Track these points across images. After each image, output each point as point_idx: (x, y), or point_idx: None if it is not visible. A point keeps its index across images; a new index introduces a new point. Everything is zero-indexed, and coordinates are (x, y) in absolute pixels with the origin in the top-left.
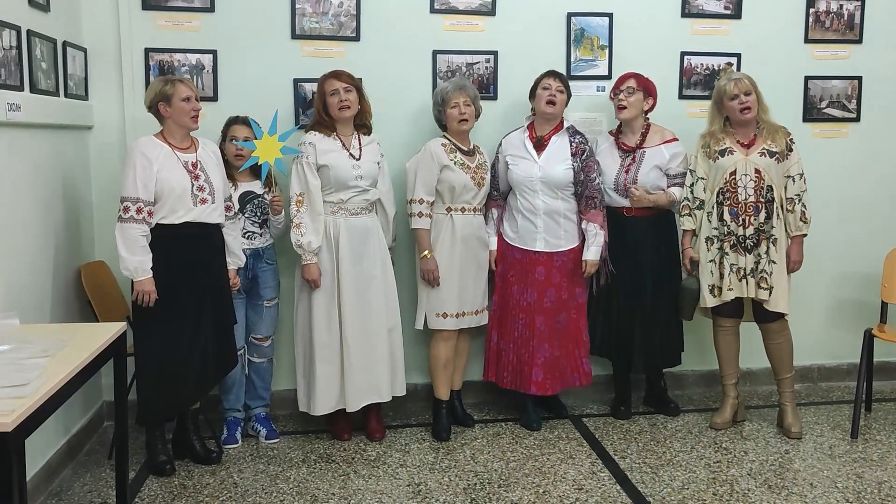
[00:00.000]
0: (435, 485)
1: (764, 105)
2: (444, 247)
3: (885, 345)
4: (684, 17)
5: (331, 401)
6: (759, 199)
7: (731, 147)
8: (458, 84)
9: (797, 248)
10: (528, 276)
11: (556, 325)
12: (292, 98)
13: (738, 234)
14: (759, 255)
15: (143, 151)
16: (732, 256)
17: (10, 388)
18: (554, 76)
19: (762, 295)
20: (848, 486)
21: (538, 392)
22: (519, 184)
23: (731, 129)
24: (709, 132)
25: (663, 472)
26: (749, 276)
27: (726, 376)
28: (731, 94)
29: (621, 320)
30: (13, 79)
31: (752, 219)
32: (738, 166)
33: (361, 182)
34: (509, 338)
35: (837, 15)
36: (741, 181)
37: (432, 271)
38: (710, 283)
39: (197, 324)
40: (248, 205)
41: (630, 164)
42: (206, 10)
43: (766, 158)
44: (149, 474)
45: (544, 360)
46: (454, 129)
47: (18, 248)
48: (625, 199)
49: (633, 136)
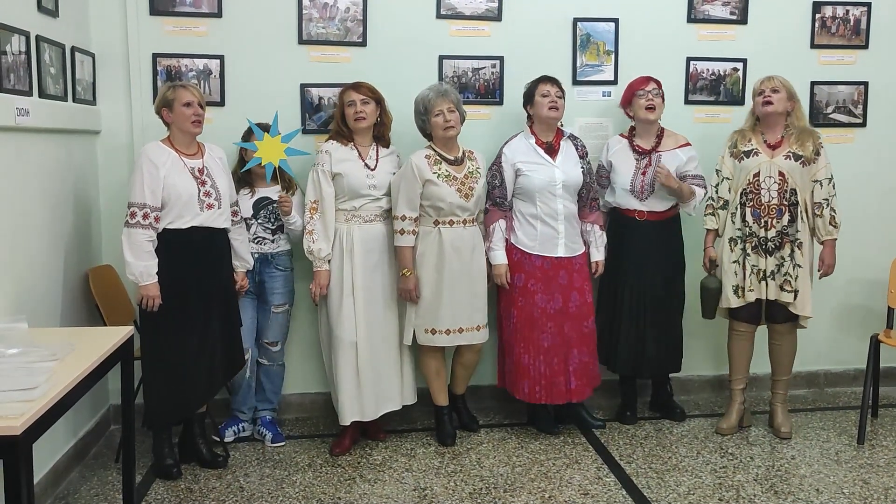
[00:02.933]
0: (440, 489)
1: (798, 111)
2: (429, 261)
3: (891, 350)
4: (690, 23)
5: (354, 409)
6: (783, 201)
7: (756, 148)
8: (440, 90)
9: (830, 251)
10: (552, 281)
11: (583, 329)
12: (299, 103)
13: (760, 236)
14: (781, 258)
15: (151, 157)
16: (753, 258)
17: (19, 392)
18: (550, 82)
19: (786, 298)
20: (854, 492)
21: (577, 400)
22: (539, 190)
23: (760, 129)
24: (739, 130)
25: (669, 477)
26: (770, 278)
27: (735, 381)
28: (759, 89)
29: (628, 326)
30: (22, 84)
31: (774, 221)
32: (763, 168)
33: (374, 191)
34: (537, 350)
35: (843, 20)
36: (765, 183)
37: (410, 290)
38: (735, 283)
39: (204, 328)
40: (262, 210)
41: (646, 167)
42: (214, 16)
43: (790, 162)
44: (155, 478)
45: (576, 366)
46: (440, 136)
47: (27, 252)
48: (638, 203)
49: (648, 139)
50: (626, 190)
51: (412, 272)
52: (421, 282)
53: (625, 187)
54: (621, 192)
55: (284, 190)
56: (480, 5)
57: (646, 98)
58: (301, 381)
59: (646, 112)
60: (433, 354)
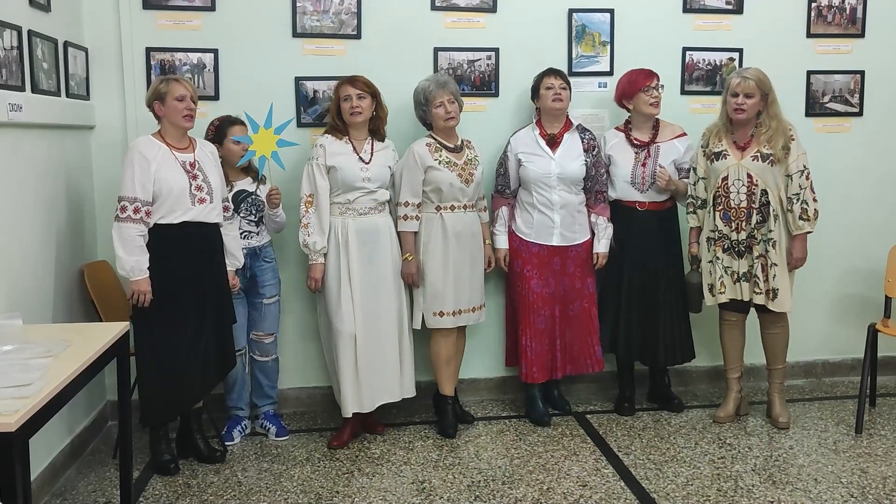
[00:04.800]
0: (439, 482)
1: (773, 110)
2: (436, 246)
3: (889, 340)
4: (686, 13)
5: (354, 401)
6: (752, 204)
7: (725, 150)
8: (440, 82)
9: (799, 245)
10: (546, 267)
11: (569, 312)
12: (293, 96)
13: (732, 239)
14: (752, 260)
15: (142, 151)
16: (726, 259)
17: (14, 389)
18: (555, 74)
19: (758, 300)
20: (852, 482)
21: (560, 375)
22: (535, 180)
23: (731, 128)
24: (712, 127)
25: (667, 468)
26: (742, 280)
27: (730, 370)
28: (733, 90)
29: (632, 315)
30: (14, 79)
31: (744, 224)
32: (731, 171)
33: (369, 184)
34: (534, 331)
35: (839, 9)
36: (734, 186)
37: (412, 274)
38: (710, 282)
39: (198, 323)
40: (242, 203)
41: (646, 159)
42: (207, 9)
43: (758, 163)
44: (153, 473)
45: (562, 345)
46: (441, 127)
47: (21, 249)
48: (639, 194)
49: (646, 132)
50: (626, 182)
51: (414, 256)
52: (428, 266)
53: (626, 179)
54: (622, 185)
55: (259, 184)
56: None
57: (651, 95)
58: (298, 375)
59: (650, 108)
60: (445, 341)
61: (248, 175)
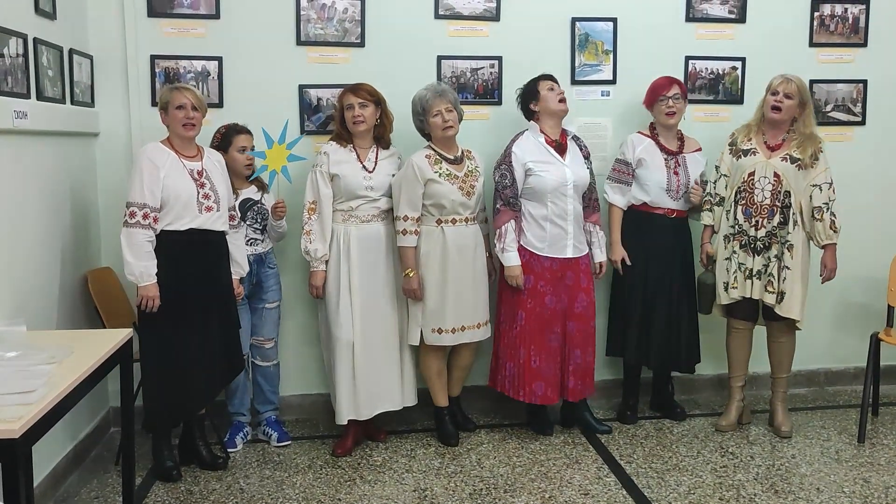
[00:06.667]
0: (441, 490)
1: (808, 118)
2: (434, 261)
3: (891, 349)
4: (689, 22)
5: (349, 408)
6: (775, 202)
7: (755, 148)
8: (437, 90)
9: (831, 256)
10: (560, 282)
11: (588, 329)
12: (297, 104)
13: (750, 235)
14: (768, 259)
15: (151, 158)
16: (742, 255)
17: (17, 395)
18: (552, 79)
19: (768, 299)
20: (855, 491)
21: (571, 399)
22: (551, 190)
23: (763, 128)
24: (745, 125)
25: (669, 476)
26: (755, 277)
27: (734, 378)
28: (774, 88)
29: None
30: (20, 86)
31: (765, 221)
32: (758, 167)
33: (372, 193)
34: (546, 351)
35: (842, 18)
36: (759, 183)
37: (414, 290)
38: (726, 280)
39: (203, 330)
40: (248, 211)
41: (676, 167)
42: (212, 17)
43: (786, 164)
44: (155, 480)
45: (575, 366)
46: (439, 136)
47: (25, 255)
48: (672, 201)
49: (672, 141)
50: (662, 188)
51: (415, 272)
52: (427, 281)
53: (661, 186)
54: (657, 191)
55: (259, 191)
56: (479, 5)
57: (666, 105)
58: (300, 382)
59: (665, 118)
60: (435, 355)
61: (252, 183)
